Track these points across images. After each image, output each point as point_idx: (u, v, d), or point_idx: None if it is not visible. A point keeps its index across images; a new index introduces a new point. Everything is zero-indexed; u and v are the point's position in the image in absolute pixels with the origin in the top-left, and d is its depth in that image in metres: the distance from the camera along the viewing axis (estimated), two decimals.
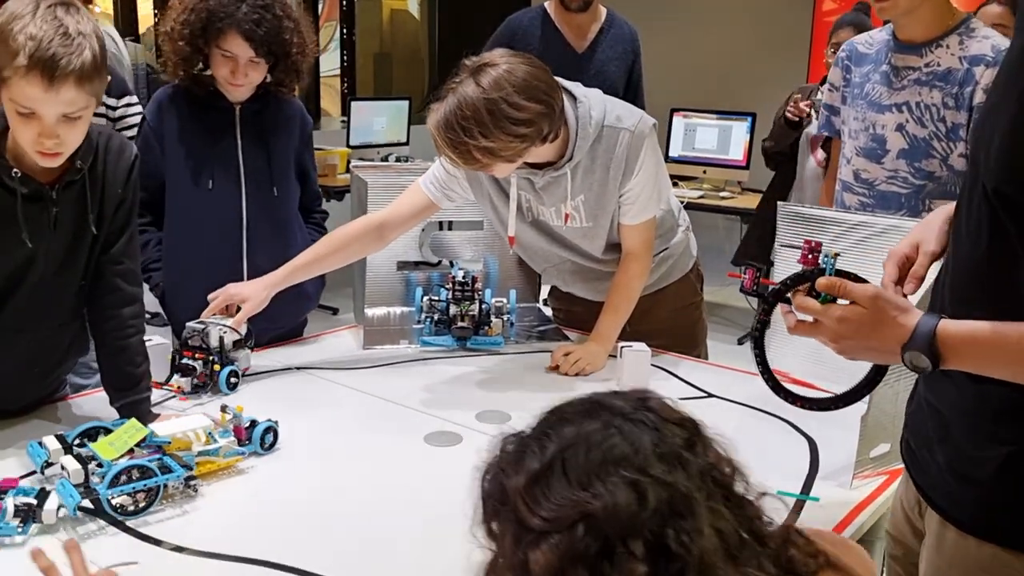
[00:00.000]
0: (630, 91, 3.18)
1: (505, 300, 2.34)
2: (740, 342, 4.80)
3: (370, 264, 2.32)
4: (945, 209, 1.27)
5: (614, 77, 3.13)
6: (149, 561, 1.28)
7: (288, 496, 1.50)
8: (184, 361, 1.88)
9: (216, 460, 1.52)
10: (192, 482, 1.45)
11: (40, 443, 1.48)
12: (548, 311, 2.52)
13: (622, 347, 2.00)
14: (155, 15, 5.78)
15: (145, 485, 1.38)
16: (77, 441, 1.48)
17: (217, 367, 1.88)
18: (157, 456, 1.44)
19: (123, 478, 1.37)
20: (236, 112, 2.14)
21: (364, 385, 1.99)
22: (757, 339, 1.31)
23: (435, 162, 2.09)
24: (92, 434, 1.50)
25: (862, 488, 1.52)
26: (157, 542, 1.33)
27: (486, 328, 2.28)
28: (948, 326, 1.04)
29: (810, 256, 1.20)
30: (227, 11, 2.02)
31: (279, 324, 2.24)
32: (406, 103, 5.89)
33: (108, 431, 1.48)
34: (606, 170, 1.99)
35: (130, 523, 1.37)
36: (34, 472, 1.47)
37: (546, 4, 3.16)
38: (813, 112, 3.60)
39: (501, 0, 6.08)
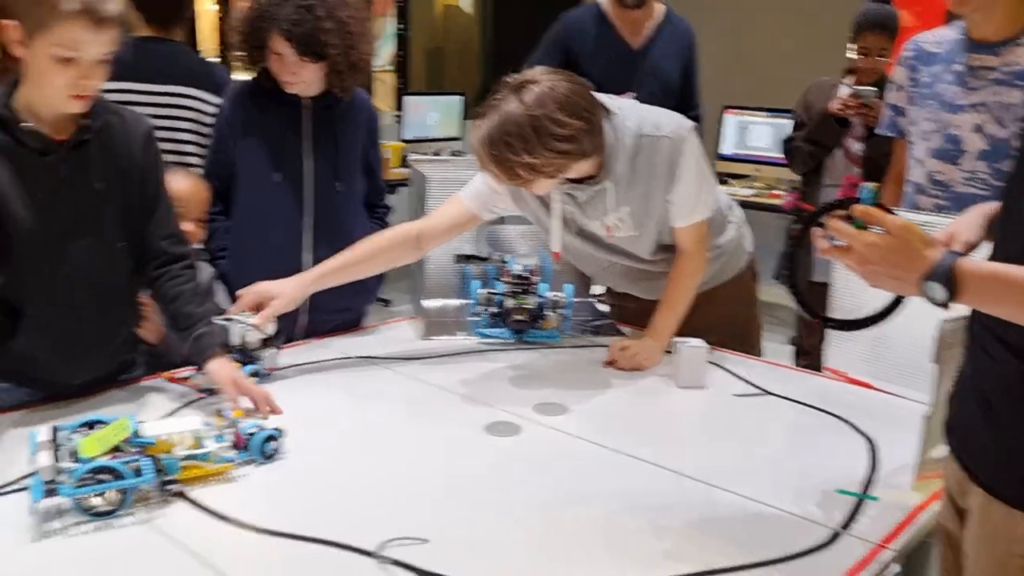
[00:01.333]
0: (685, 89, 3.18)
1: (561, 294, 2.37)
2: (793, 343, 4.76)
3: (428, 257, 2.36)
4: (983, 206, 1.34)
5: (669, 75, 3.13)
6: (210, 535, 1.34)
7: (350, 483, 1.53)
8: None
9: (203, 465, 1.48)
10: (170, 486, 1.43)
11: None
12: (603, 307, 2.54)
13: (678, 342, 2.01)
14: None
15: (111, 487, 1.36)
16: (79, 431, 1.47)
17: (239, 365, 1.85)
18: (136, 457, 1.40)
19: (94, 478, 1.35)
20: (304, 107, 2.19)
21: (424, 375, 2.03)
22: (790, 256, 1.36)
23: (476, 176, 2.11)
24: (91, 425, 1.49)
25: (923, 490, 1.52)
26: (222, 517, 1.38)
27: (542, 322, 2.31)
28: (967, 262, 1.10)
29: (851, 189, 1.23)
30: (271, 12, 2.08)
31: (339, 315, 2.29)
32: (460, 99, 5.95)
33: (104, 424, 1.47)
34: (648, 179, 1.99)
35: (197, 492, 1.42)
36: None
37: (601, 1, 3.17)
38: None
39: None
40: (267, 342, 1.94)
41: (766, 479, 1.57)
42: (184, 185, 2.07)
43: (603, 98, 1.97)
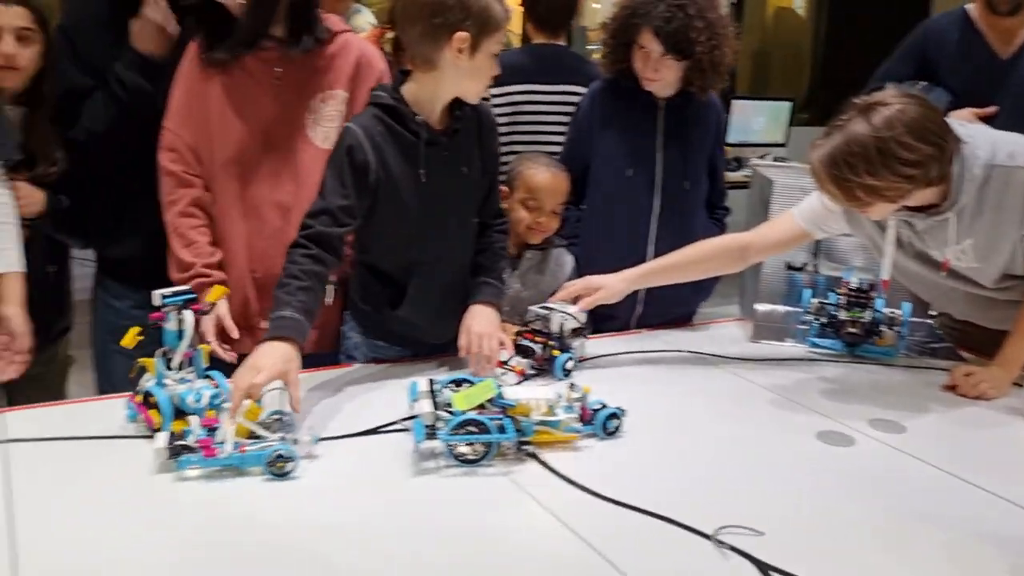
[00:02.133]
0: None
1: (898, 311, 2.29)
2: None
3: (765, 262, 2.37)
4: None
5: None
6: (559, 494, 1.46)
7: (685, 467, 1.61)
8: (524, 343, 1.99)
9: (554, 432, 1.61)
10: (524, 447, 1.57)
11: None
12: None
13: None
14: None
15: (479, 440, 1.52)
16: (448, 387, 1.66)
17: (556, 352, 1.96)
18: (499, 416, 1.56)
19: (463, 429, 1.52)
20: (659, 107, 2.29)
21: (753, 376, 2.06)
22: None
23: (812, 194, 2.08)
24: (458, 383, 1.68)
25: None
26: (570, 480, 1.50)
27: (876, 338, 2.25)
28: None
29: None
30: (645, 9, 2.18)
31: (672, 311, 2.38)
32: (788, 105, 5.82)
33: (471, 384, 1.66)
34: (997, 212, 1.87)
35: (548, 459, 1.56)
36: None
37: (968, 7, 2.99)
38: None
39: (894, 3, 5.81)
40: (576, 332, 2.02)
41: None
42: (545, 177, 2.22)
43: (954, 124, 1.88)
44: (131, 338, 1.62)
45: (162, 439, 1.47)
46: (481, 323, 1.90)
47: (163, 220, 2.00)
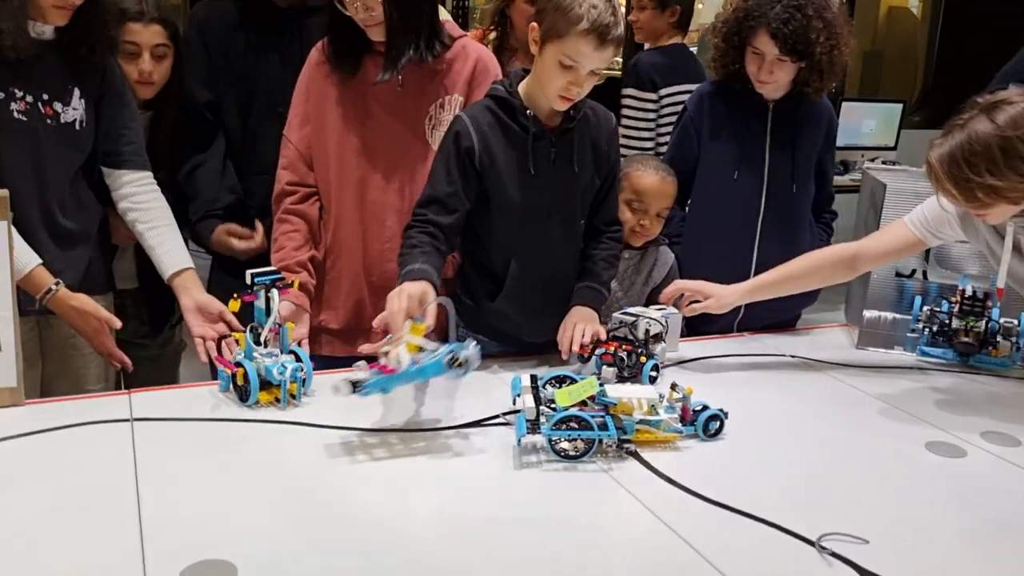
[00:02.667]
0: None
1: (1014, 321, 2.21)
2: None
3: (874, 269, 2.32)
4: None
5: None
6: (658, 493, 1.47)
7: (788, 472, 1.60)
8: (612, 352, 1.89)
9: (654, 432, 1.62)
10: (625, 445, 1.58)
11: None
12: None
13: None
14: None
15: (580, 436, 1.54)
16: (549, 383, 1.69)
17: (644, 359, 1.91)
18: (601, 414, 1.58)
19: (565, 425, 1.54)
20: (768, 109, 2.26)
21: (859, 383, 2.03)
22: None
23: (926, 202, 2.03)
24: (560, 380, 1.70)
25: None
26: (670, 480, 1.51)
27: (991, 348, 2.18)
28: None
29: None
30: (761, 10, 2.15)
31: (775, 314, 2.35)
32: (899, 107, 5.65)
33: (573, 381, 1.67)
34: None
35: (650, 458, 1.57)
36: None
37: None
38: None
39: (1016, 1, 5.58)
40: (657, 337, 1.98)
41: None
42: (653, 180, 2.21)
43: None
44: (233, 305, 1.78)
45: (343, 388, 1.53)
46: (577, 316, 1.94)
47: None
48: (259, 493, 1.42)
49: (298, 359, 1.77)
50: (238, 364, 1.72)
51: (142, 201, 2.01)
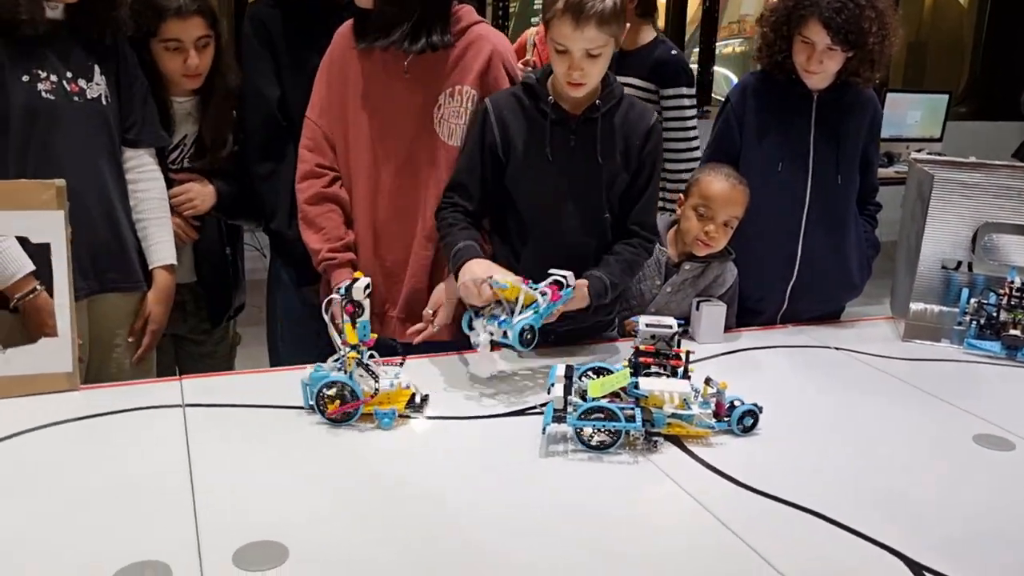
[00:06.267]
0: None
1: None
2: None
3: (921, 259, 2.30)
4: None
5: None
6: (699, 480, 1.47)
7: (819, 462, 1.59)
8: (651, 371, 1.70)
9: (686, 426, 1.62)
10: (654, 438, 1.58)
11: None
12: None
13: None
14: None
15: (606, 426, 1.55)
16: (586, 374, 1.69)
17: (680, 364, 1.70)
18: (631, 406, 1.57)
19: (592, 415, 1.54)
20: (813, 100, 2.25)
21: (903, 375, 2.01)
22: None
23: None
24: (597, 371, 1.70)
25: None
26: (712, 467, 1.52)
27: None
28: None
29: None
30: (812, 0, 2.13)
31: (819, 305, 2.34)
32: (945, 98, 5.58)
33: (609, 372, 1.67)
34: None
35: (692, 447, 1.58)
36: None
37: None
38: None
39: None
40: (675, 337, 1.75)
41: None
42: (722, 186, 2.14)
43: None
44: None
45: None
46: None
47: None
48: (310, 478, 1.44)
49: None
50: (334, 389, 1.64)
51: (139, 189, 2.05)
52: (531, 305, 1.74)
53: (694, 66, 5.89)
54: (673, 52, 2.99)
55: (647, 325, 1.71)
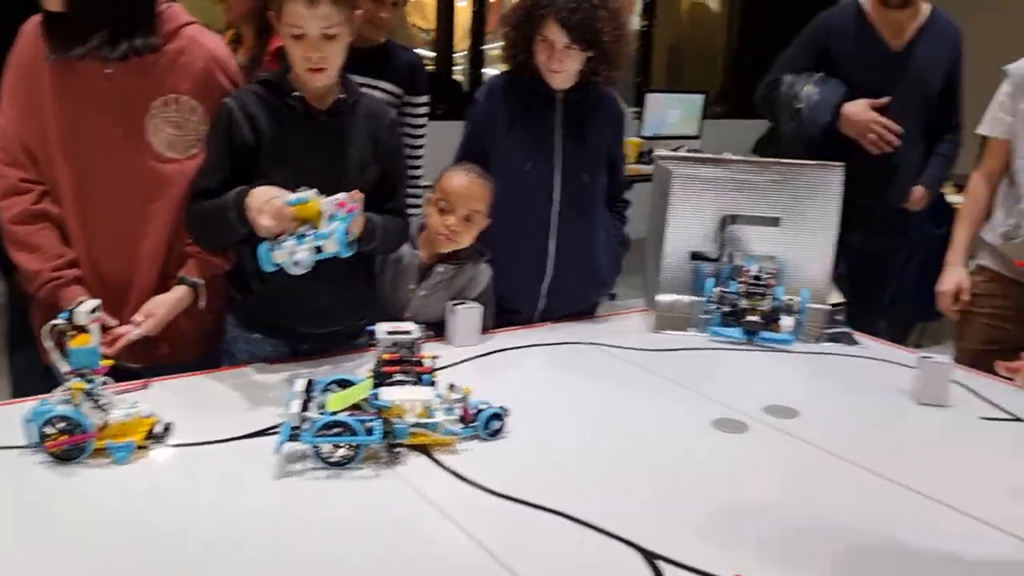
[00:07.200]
0: (947, 96, 3.00)
1: (796, 298, 2.33)
2: None
3: (665, 252, 2.39)
4: None
5: (931, 79, 2.97)
6: (445, 490, 1.44)
7: (571, 460, 1.60)
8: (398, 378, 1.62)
9: (430, 435, 1.57)
10: (396, 450, 1.54)
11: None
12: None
13: (922, 357, 1.94)
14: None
15: (345, 441, 1.49)
16: (329, 387, 1.63)
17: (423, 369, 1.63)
18: (372, 418, 1.52)
19: (330, 431, 1.48)
20: (557, 100, 2.28)
21: (652, 366, 2.07)
22: None
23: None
24: (341, 384, 1.64)
25: None
26: (459, 475, 1.49)
27: (775, 324, 2.29)
28: None
29: None
30: (548, 0, 2.16)
31: (574, 302, 2.38)
32: (701, 97, 5.90)
33: (352, 384, 1.61)
34: None
35: (438, 455, 1.55)
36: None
37: (861, 0, 3.05)
38: None
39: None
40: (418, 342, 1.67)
41: (1013, 507, 1.49)
42: (461, 180, 2.13)
43: None
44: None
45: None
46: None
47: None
48: (32, 528, 1.29)
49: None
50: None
51: None
52: (333, 216, 1.67)
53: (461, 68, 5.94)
54: (419, 58, 2.96)
55: (388, 332, 1.65)
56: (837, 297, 2.52)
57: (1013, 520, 1.43)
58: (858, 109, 2.89)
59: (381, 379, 1.59)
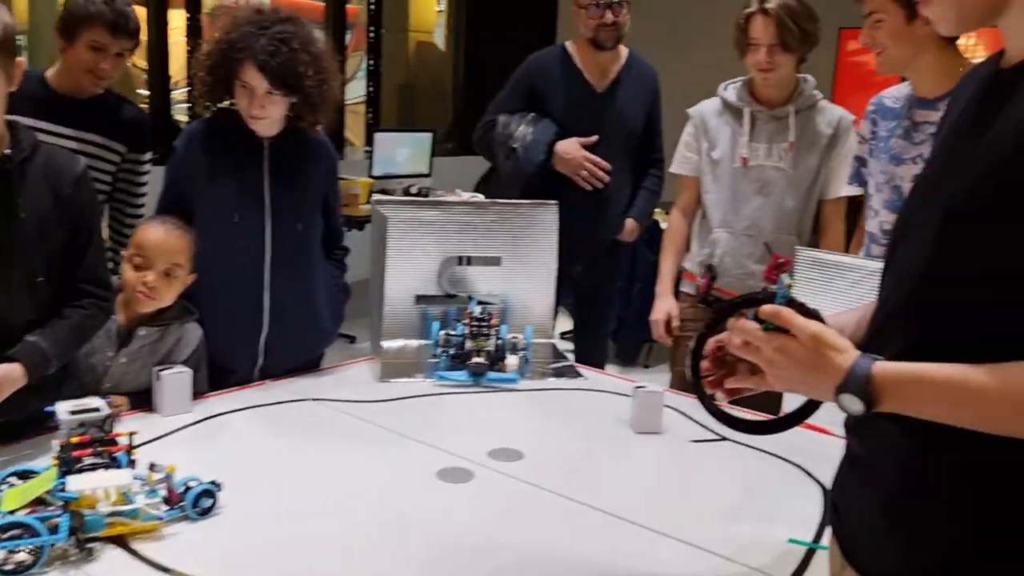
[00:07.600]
0: (648, 132, 3.19)
1: (520, 336, 2.36)
2: None
3: (387, 297, 2.34)
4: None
5: (634, 118, 3.15)
6: None
7: (295, 534, 1.49)
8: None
9: (130, 523, 1.41)
10: (88, 544, 1.37)
11: None
12: (563, 346, 2.53)
13: (636, 387, 2.01)
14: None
15: (27, 543, 1.31)
16: (8, 479, 1.45)
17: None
18: (57, 513, 1.35)
19: (6, 534, 1.30)
20: (264, 147, 2.17)
21: (377, 418, 2.01)
22: (695, 352, 1.25)
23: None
24: (22, 475, 1.46)
25: None
26: (164, 568, 1.35)
27: (500, 363, 2.30)
28: (884, 367, 1.01)
29: (774, 273, 1.16)
30: (246, 43, 2.06)
31: (295, 356, 2.27)
32: (429, 136, 5.96)
33: (36, 474, 1.44)
34: None
35: (135, 546, 1.39)
36: None
37: (566, 43, 3.19)
38: None
39: (526, 36, 6.17)
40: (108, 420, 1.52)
41: (717, 527, 1.56)
42: (157, 233, 1.98)
43: None
44: None
45: None
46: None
47: None
48: None
49: None
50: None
51: None
52: None
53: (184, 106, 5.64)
54: (144, 114, 2.76)
55: (71, 412, 1.47)
56: (566, 324, 2.59)
57: (718, 541, 1.50)
58: (569, 147, 3.01)
59: (69, 465, 1.42)
